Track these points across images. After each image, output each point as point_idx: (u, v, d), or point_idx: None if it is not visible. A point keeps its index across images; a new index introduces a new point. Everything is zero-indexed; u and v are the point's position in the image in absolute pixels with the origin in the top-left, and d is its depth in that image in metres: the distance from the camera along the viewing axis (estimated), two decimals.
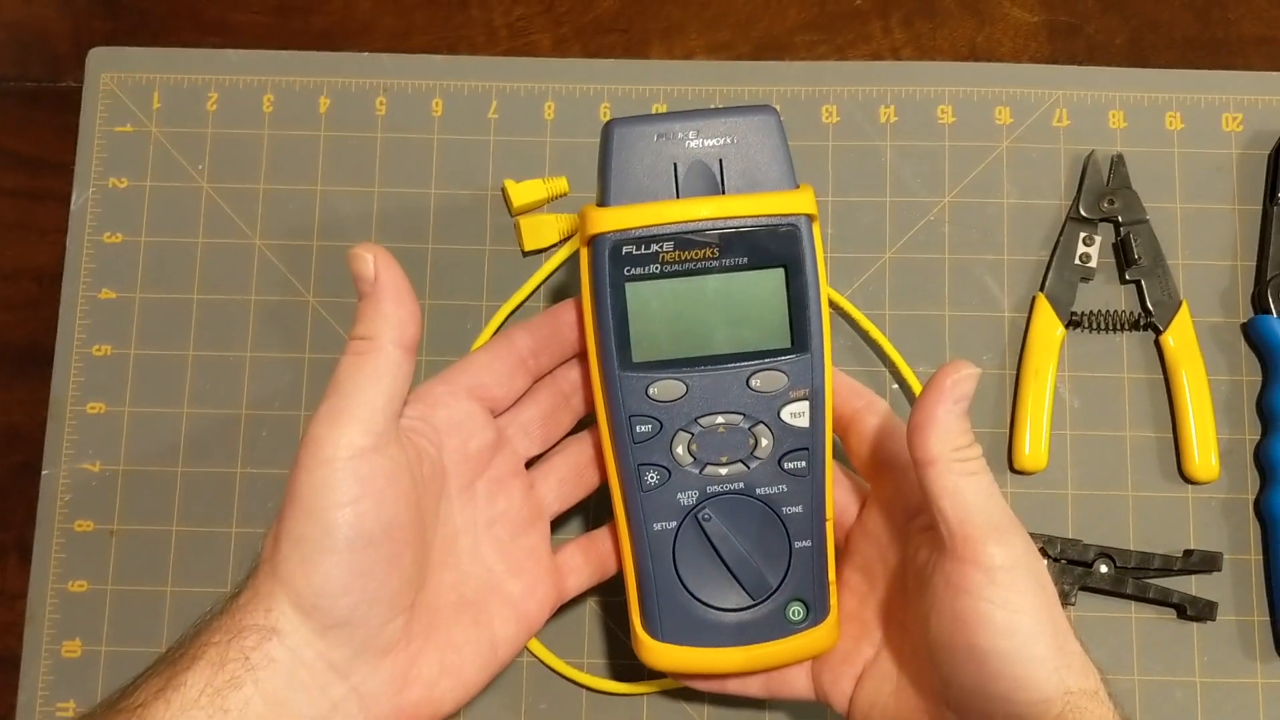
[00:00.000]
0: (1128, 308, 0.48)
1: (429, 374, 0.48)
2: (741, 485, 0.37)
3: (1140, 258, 0.48)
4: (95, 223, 0.49)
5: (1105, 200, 0.48)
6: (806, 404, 0.37)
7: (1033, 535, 0.45)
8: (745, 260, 0.36)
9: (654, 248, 0.36)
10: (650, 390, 0.36)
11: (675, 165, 0.36)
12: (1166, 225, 0.49)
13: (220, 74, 0.50)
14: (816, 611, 0.38)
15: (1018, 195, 0.49)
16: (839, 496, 0.40)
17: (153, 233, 0.49)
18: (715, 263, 0.36)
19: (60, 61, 0.51)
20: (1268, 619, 0.46)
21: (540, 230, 0.48)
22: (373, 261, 0.34)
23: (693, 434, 0.37)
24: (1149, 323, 0.48)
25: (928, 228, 0.49)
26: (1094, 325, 0.48)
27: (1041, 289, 0.48)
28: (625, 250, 0.36)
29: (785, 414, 0.37)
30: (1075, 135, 0.50)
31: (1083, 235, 0.48)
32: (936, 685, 0.34)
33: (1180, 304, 0.48)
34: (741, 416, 0.37)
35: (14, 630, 0.46)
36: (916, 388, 0.47)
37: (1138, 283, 0.48)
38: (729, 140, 0.36)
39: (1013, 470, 0.47)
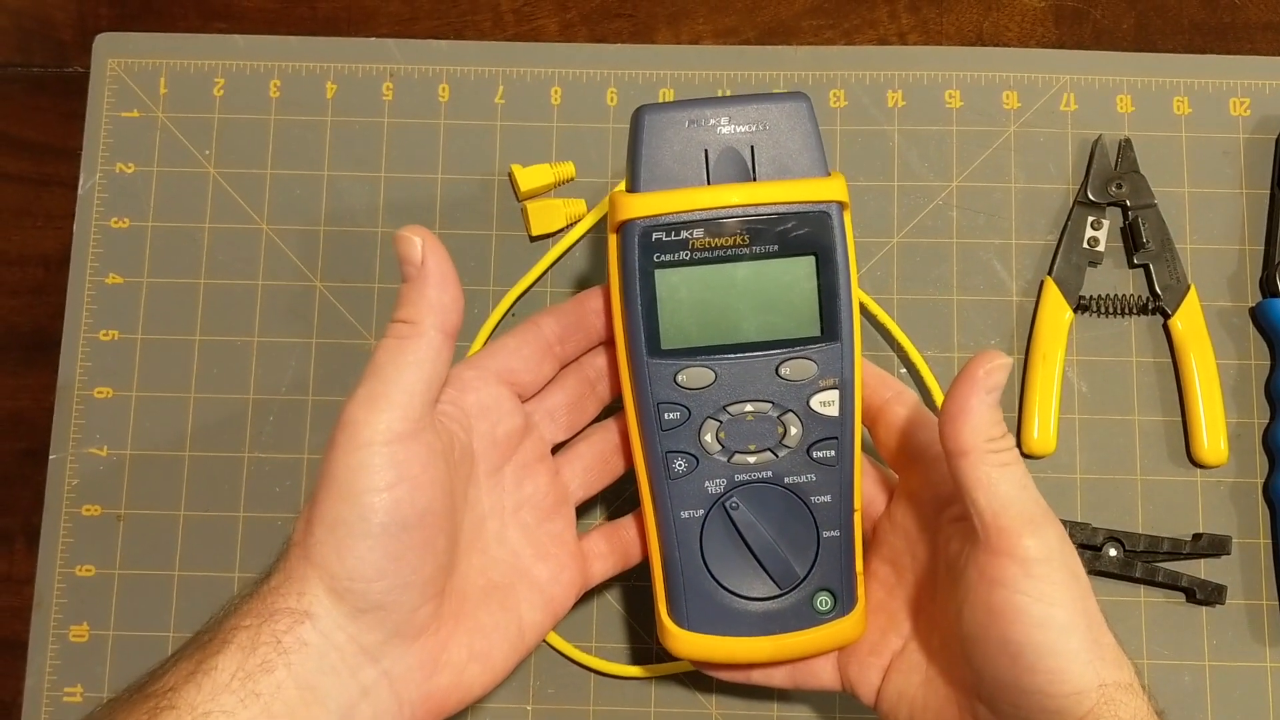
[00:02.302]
0: (1136, 292, 0.48)
1: None
2: (770, 474, 0.37)
3: (1148, 242, 0.48)
4: (102, 208, 0.49)
5: (1113, 184, 0.48)
6: (836, 393, 0.36)
7: None
8: (776, 247, 0.36)
9: (684, 234, 0.35)
10: (679, 378, 0.36)
11: (706, 152, 0.36)
12: (1174, 209, 0.49)
13: (227, 59, 0.50)
14: (844, 602, 0.37)
15: (1025, 179, 0.49)
16: (866, 487, 0.39)
17: (159, 218, 0.49)
18: (746, 250, 0.36)
19: (65, 48, 0.51)
20: (1277, 603, 0.46)
21: (547, 215, 0.48)
22: (420, 245, 0.33)
23: (721, 422, 0.36)
24: (1157, 307, 0.48)
25: (935, 212, 0.49)
26: (1102, 309, 0.48)
27: (1050, 273, 0.48)
28: (655, 236, 0.35)
29: (815, 403, 0.36)
30: (1082, 120, 0.50)
31: (1090, 219, 0.48)
32: (968, 677, 0.34)
33: (1188, 288, 0.48)
34: (770, 405, 0.36)
35: (22, 615, 0.46)
36: (925, 372, 0.47)
37: (1146, 267, 0.48)
38: (760, 127, 0.36)
39: (1021, 454, 0.47)
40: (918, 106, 0.50)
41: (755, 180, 0.36)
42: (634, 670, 0.45)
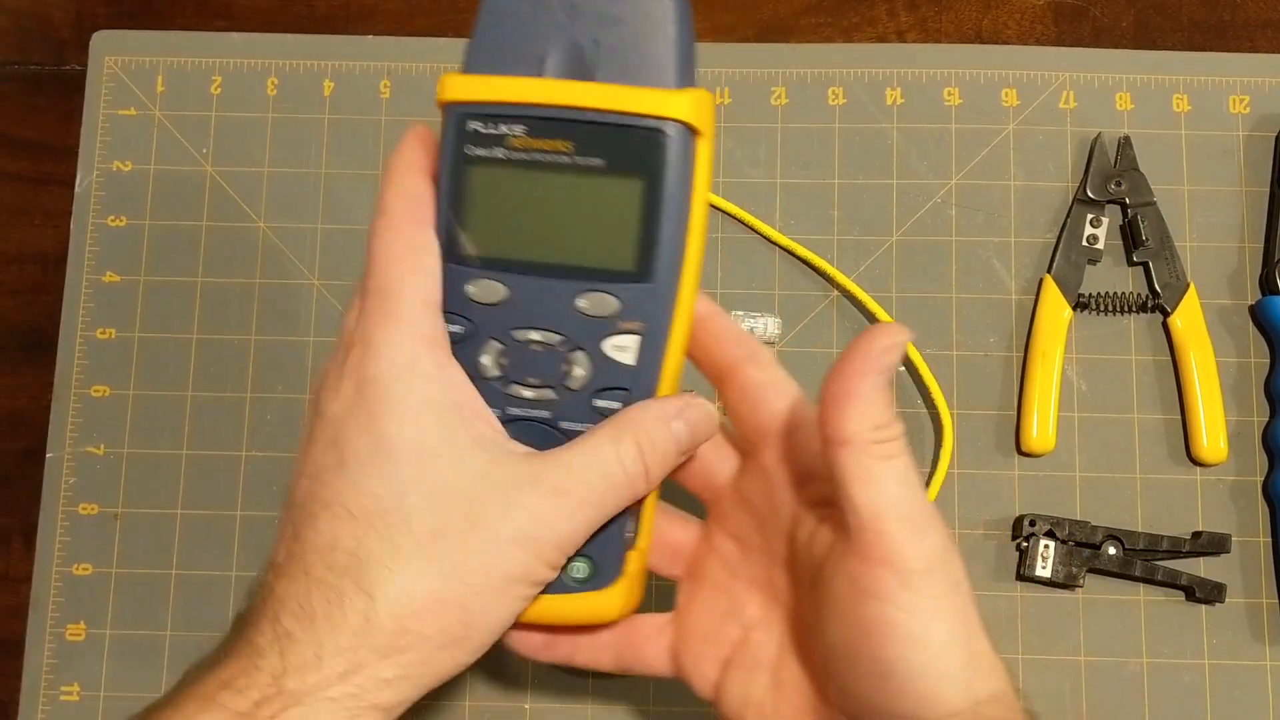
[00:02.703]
0: (1135, 290, 0.48)
1: None
2: (547, 414, 0.32)
3: (1147, 239, 0.48)
4: (99, 206, 0.49)
5: (1112, 182, 0.48)
6: (637, 339, 0.32)
7: (1041, 517, 0.45)
8: (602, 162, 0.31)
9: (503, 129, 0.31)
10: (467, 288, 0.32)
11: (547, 41, 0.31)
12: (1174, 207, 0.49)
13: (224, 57, 0.50)
14: (603, 573, 0.33)
15: (1024, 177, 0.49)
16: (709, 451, 0.35)
17: (156, 216, 0.49)
18: (568, 159, 0.31)
19: (63, 46, 0.51)
20: (1276, 601, 0.46)
21: None
22: None
23: (505, 345, 0.32)
24: (1156, 305, 0.48)
25: (934, 210, 0.49)
26: (1101, 307, 0.48)
27: (1049, 271, 0.48)
28: (472, 126, 0.31)
29: (608, 345, 0.32)
30: (1082, 117, 0.50)
31: (1090, 217, 0.48)
32: (829, 690, 0.31)
33: (1188, 286, 0.47)
34: (561, 338, 0.32)
35: (19, 613, 0.46)
36: (924, 371, 0.47)
37: (1145, 264, 0.48)
38: (614, 22, 0.31)
39: (1020, 452, 0.47)
40: (916, 104, 0.50)
41: (593, 81, 0.31)
42: None
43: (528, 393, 0.32)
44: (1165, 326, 0.48)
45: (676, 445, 0.32)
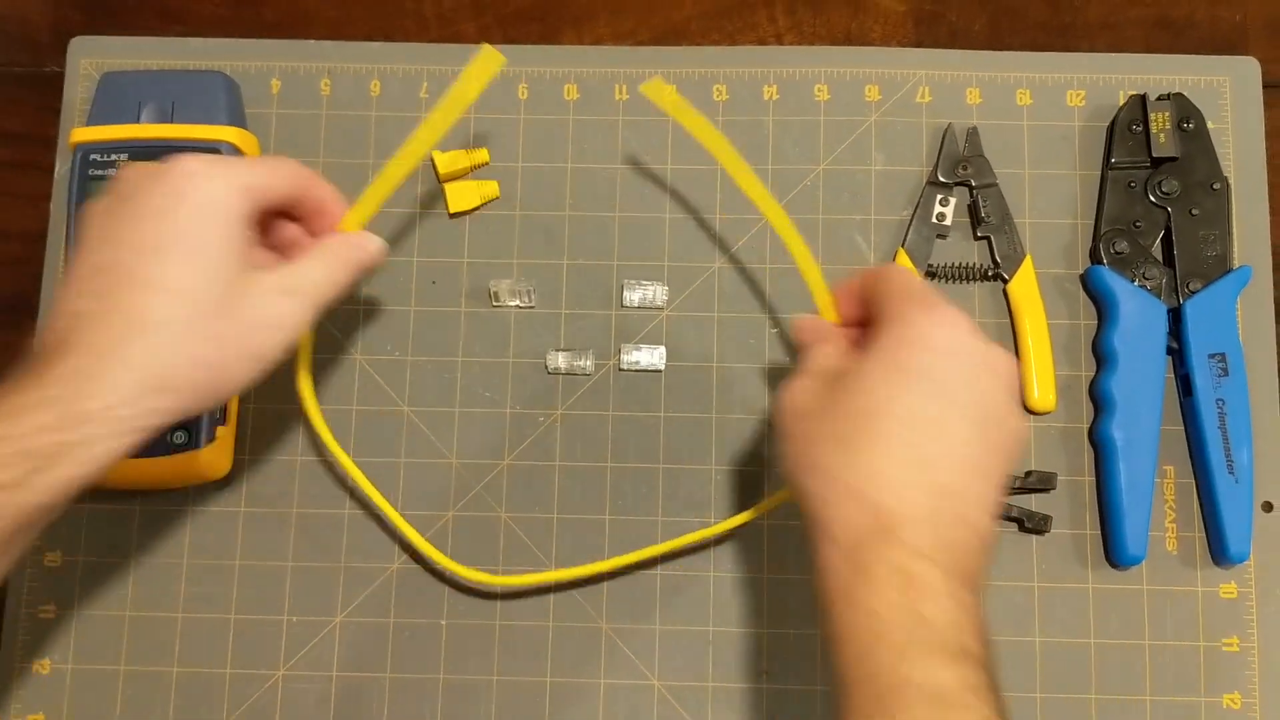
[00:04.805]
0: (979, 261, 0.55)
1: (366, 321, 0.55)
2: None
3: (989, 217, 0.54)
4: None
5: (960, 166, 0.55)
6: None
7: None
8: None
9: (113, 156, 0.51)
10: None
11: (141, 103, 0.52)
12: (1015, 188, 0.55)
13: (185, 60, 0.57)
14: (198, 439, 0.49)
15: (884, 163, 0.56)
16: None
17: None
18: None
19: (42, 49, 0.58)
20: (1098, 532, 0.53)
21: (463, 195, 0.55)
22: None
23: None
24: (997, 273, 0.54)
25: (805, 191, 0.56)
26: (948, 276, 0.55)
27: (903, 244, 0.55)
28: (93, 157, 0.51)
29: None
30: (936, 110, 0.56)
31: (939, 197, 0.55)
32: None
33: (1025, 257, 0.54)
34: None
35: None
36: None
37: (988, 239, 0.55)
38: (186, 92, 0.53)
39: None
40: (791, 99, 0.56)
41: (171, 123, 0.52)
42: (487, 578, 0.51)
43: None
44: (1004, 293, 0.55)
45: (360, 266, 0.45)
